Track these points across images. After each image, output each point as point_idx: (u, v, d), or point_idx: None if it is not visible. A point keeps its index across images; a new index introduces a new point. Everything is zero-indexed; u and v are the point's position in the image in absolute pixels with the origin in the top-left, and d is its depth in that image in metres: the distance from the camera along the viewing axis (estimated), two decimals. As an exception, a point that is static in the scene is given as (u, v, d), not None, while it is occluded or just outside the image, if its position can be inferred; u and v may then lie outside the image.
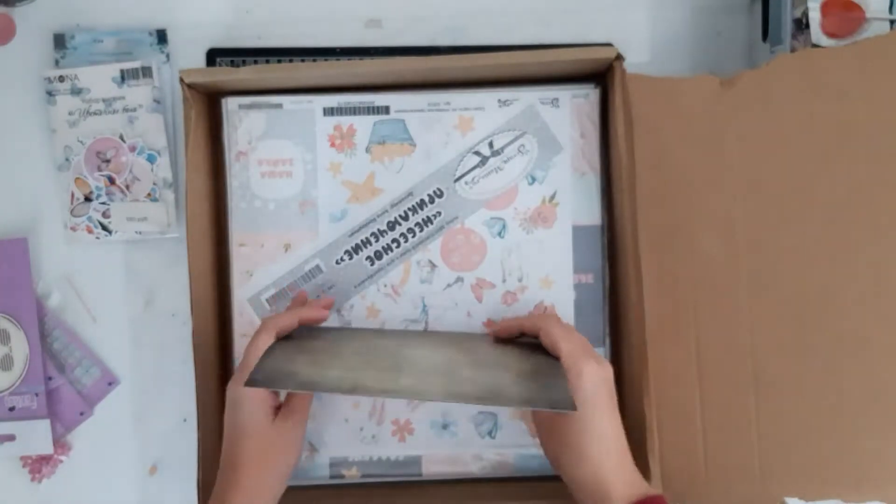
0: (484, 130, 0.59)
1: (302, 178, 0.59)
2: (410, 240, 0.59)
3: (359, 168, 0.59)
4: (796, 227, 0.54)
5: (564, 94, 0.59)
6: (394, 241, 0.59)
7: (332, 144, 0.59)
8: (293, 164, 0.59)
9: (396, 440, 0.59)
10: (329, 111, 0.59)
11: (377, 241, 0.59)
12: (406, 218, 0.59)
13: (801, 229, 0.54)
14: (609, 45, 0.56)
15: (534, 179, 0.59)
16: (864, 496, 0.53)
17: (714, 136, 0.54)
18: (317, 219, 0.59)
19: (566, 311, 0.59)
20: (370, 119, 0.59)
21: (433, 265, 0.59)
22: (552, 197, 0.59)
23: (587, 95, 0.59)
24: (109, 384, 0.64)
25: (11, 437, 0.62)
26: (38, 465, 0.63)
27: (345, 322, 0.59)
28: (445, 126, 0.59)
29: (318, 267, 0.59)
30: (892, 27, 0.57)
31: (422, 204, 0.59)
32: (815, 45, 0.56)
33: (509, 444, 0.59)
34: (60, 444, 0.63)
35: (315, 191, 0.59)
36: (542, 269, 0.59)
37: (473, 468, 0.59)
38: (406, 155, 0.59)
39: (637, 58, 0.64)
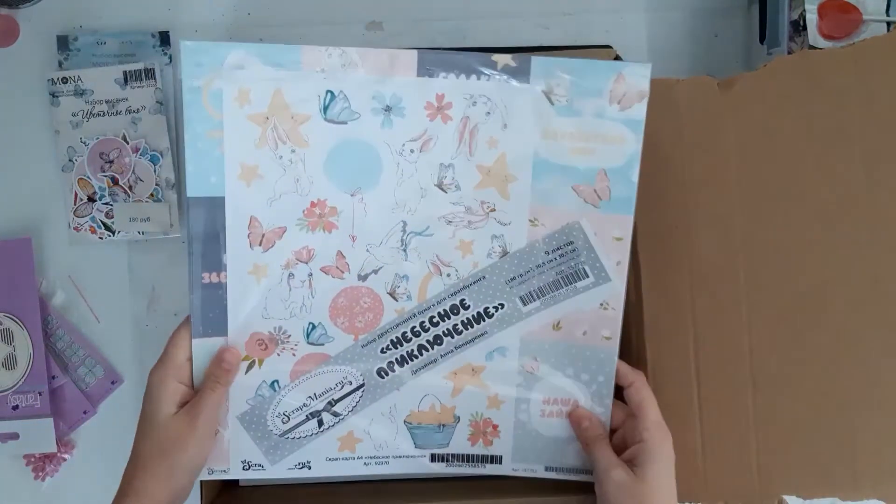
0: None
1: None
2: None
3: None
4: (793, 228, 0.54)
5: None
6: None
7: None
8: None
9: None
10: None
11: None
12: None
13: (799, 230, 0.54)
14: (608, 46, 0.56)
15: None
16: (861, 494, 0.53)
17: (711, 138, 0.54)
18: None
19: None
20: None
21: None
22: None
23: None
24: (112, 383, 0.64)
25: (15, 436, 0.63)
26: (41, 464, 0.64)
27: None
28: None
29: None
30: (889, 28, 0.57)
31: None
32: (812, 47, 0.57)
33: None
34: (64, 442, 0.64)
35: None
36: None
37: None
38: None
39: (635, 59, 0.64)
